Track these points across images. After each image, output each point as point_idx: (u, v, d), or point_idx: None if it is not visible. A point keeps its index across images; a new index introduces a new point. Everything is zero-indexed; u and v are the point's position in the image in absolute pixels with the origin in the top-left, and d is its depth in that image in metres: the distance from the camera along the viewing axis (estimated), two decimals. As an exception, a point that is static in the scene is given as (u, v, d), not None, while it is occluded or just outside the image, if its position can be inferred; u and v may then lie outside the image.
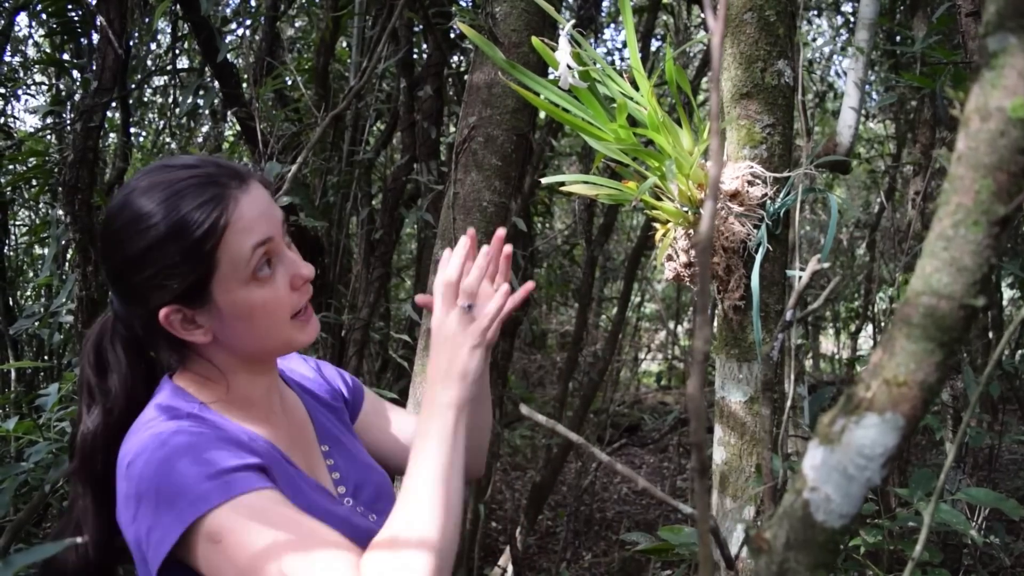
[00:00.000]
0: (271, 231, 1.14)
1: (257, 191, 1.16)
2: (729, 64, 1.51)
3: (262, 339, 1.17)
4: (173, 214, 1.09)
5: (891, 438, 0.69)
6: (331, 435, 1.36)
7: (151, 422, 1.10)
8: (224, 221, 1.10)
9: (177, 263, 1.09)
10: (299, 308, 1.19)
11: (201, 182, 1.11)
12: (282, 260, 1.16)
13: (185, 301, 1.12)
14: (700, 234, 0.58)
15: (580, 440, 0.87)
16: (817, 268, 0.98)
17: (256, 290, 1.13)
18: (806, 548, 0.73)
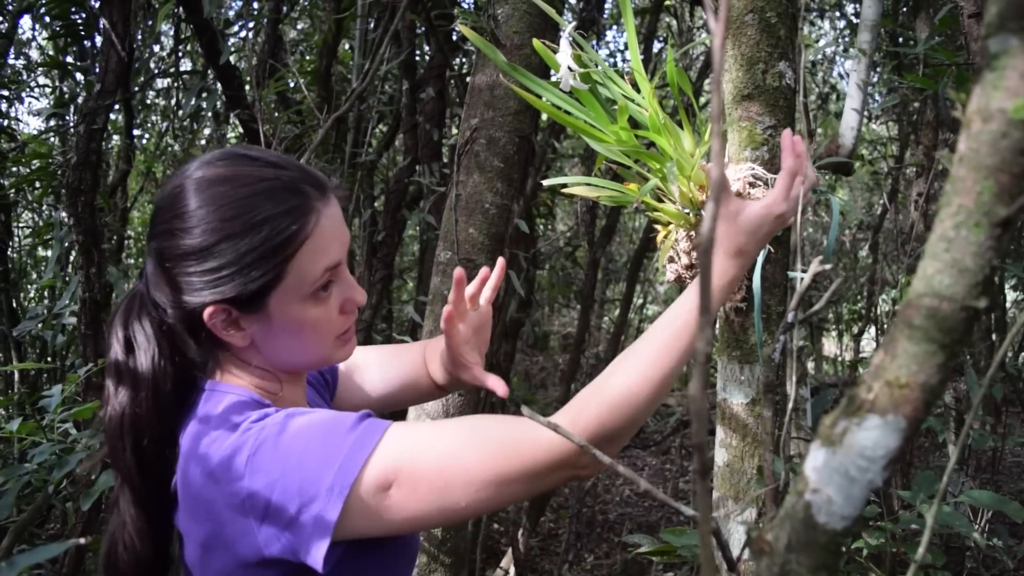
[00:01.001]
0: (341, 254, 1.12)
1: (335, 207, 1.12)
2: (730, 66, 1.51)
3: (301, 354, 1.14)
4: (255, 214, 1.04)
5: (893, 440, 0.69)
6: None
7: (239, 425, 1.04)
8: (304, 235, 1.06)
9: (247, 265, 1.04)
10: (342, 331, 1.17)
11: (286, 186, 1.07)
12: (340, 282, 1.14)
13: (238, 304, 1.07)
14: (702, 235, 0.58)
15: (581, 442, 0.87)
16: (819, 270, 0.98)
17: (311, 308, 1.09)
18: (808, 550, 0.73)
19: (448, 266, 2.39)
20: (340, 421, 1.02)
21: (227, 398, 1.10)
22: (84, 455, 1.93)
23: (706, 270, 0.63)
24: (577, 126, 1.36)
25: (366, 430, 1.01)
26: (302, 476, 0.97)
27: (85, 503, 1.88)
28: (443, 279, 2.40)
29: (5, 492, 1.89)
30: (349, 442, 0.99)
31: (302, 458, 0.98)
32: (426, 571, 2.34)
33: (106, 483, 1.88)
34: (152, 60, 5.51)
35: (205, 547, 1.04)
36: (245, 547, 1.00)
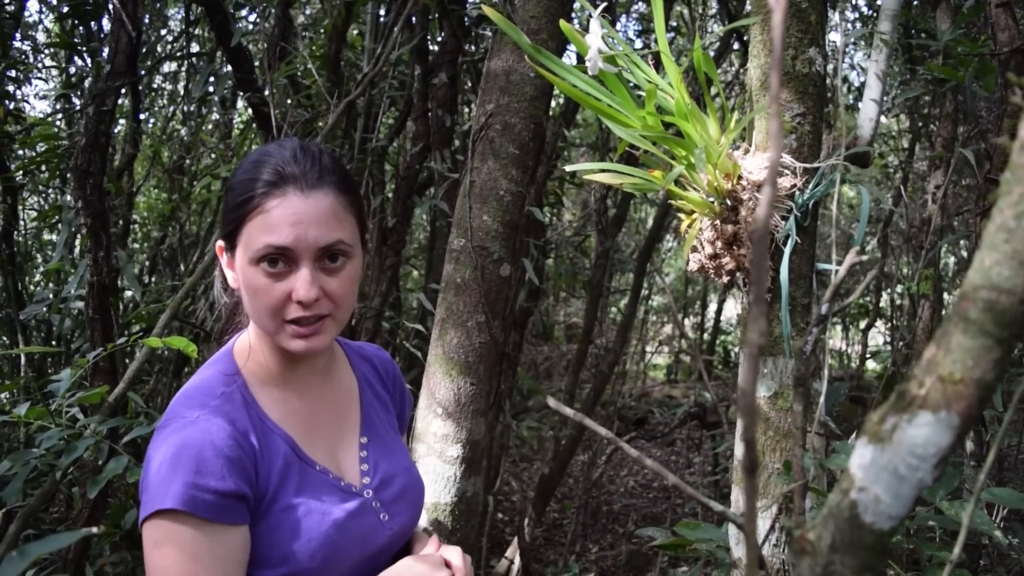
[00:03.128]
0: (293, 243, 1.20)
1: (315, 203, 1.22)
2: (759, 51, 1.47)
3: (255, 316, 1.26)
4: (240, 176, 1.24)
5: (945, 437, 0.66)
6: (375, 429, 1.40)
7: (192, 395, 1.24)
8: (258, 203, 1.19)
9: (226, 212, 1.26)
10: (290, 318, 1.22)
11: (271, 169, 1.21)
12: (297, 270, 1.21)
13: (225, 243, 1.27)
14: (757, 220, 0.55)
15: (611, 436, 0.85)
16: (856, 260, 0.95)
17: (256, 275, 1.21)
18: (853, 550, 0.70)
19: (461, 253, 2.36)
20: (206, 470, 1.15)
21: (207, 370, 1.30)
22: (92, 441, 1.91)
23: (760, 257, 0.60)
24: (602, 110, 1.33)
25: (193, 499, 1.12)
26: (144, 480, 1.17)
27: (92, 490, 1.86)
28: (456, 267, 2.37)
29: (13, 477, 1.87)
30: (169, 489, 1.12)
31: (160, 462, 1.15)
32: (435, 561, 2.31)
33: (113, 470, 1.86)
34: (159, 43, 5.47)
35: None
36: None
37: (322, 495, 1.24)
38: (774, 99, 0.59)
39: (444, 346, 2.36)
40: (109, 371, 2.82)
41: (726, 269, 1.45)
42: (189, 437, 1.15)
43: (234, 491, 1.14)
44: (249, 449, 1.19)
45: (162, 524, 1.11)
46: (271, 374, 1.30)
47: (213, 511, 1.12)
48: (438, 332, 2.38)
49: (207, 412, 1.19)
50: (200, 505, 1.11)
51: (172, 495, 1.11)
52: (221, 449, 1.15)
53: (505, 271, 2.37)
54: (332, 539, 1.22)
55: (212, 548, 1.12)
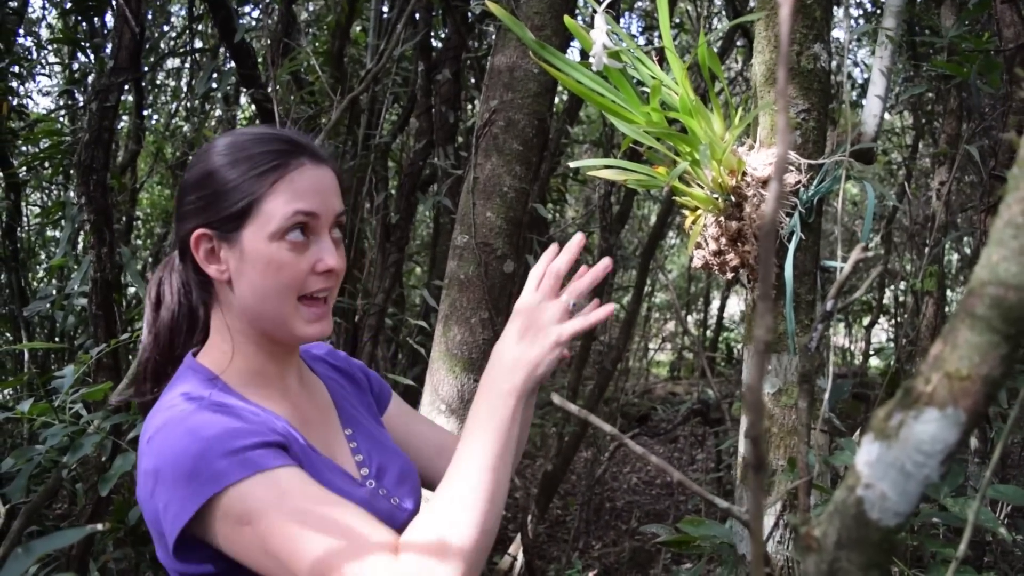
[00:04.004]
0: (320, 209, 1.17)
1: (327, 174, 1.20)
2: (763, 47, 1.47)
3: (267, 301, 1.17)
4: (243, 152, 1.16)
5: (952, 434, 0.66)
6: (354, 419, 1.35)
7: (173, 404, 1.10)
8: (282, 171, 1.15)
9: (229, 191, 1.15)
10: (311, 290, 1.18)
11: (278, 137, 1.18)
12: (318, 240, 1.18)
13: (218, 229, 1.16)
14: (765, 216, 0.55)
15: (615, 432, 0.84)
16: (861, 257, 0.94)
17: (280, 250, 1.14)
18: (859, 547, 0.70)
19: (465, 250, 2.36)
20: (232, 435, 1.04)
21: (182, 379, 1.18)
22: (98, 438, 1.91)
23: (766, 254, 0.60)
24: (606, 106, 1.33)
25: (247, 459, 1.03)
26: (174, 474, 1.02)
27: (104, 488, 1.86)
28: (459, 263, 2.37)
29: (17, 474, 1.87)
30: (224, 463, 1.02)
31: (181, 457, 1.02)
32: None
33: (122, 467, 1.86)
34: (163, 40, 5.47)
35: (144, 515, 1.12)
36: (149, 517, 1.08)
37: (336, 481, 1.19)
38: (781, 94, 0.59)
39: (448, 343, 2.36)
40: (112, 367, 2.82)
41: (730, 265, 1.45)
42: (201, 419, 1.06)
43: (276, 441, 1.07)
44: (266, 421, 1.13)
45: (233, 505, 1.01)
46: (254, 376, 1.22)
47: (273, 459, 1.04)
48: (442, 328, 2.38)
49: (206, 400, 1.12)
50: (258, 461, 1.02)
51: (224, 472, 1.01)
52: (242, 415, 1.10)
53: (509, 267, 2.37)
54: None
55: (293, 485, 1.04)
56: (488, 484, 1.06)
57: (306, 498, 1.03)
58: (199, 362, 1.20)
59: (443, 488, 1.07)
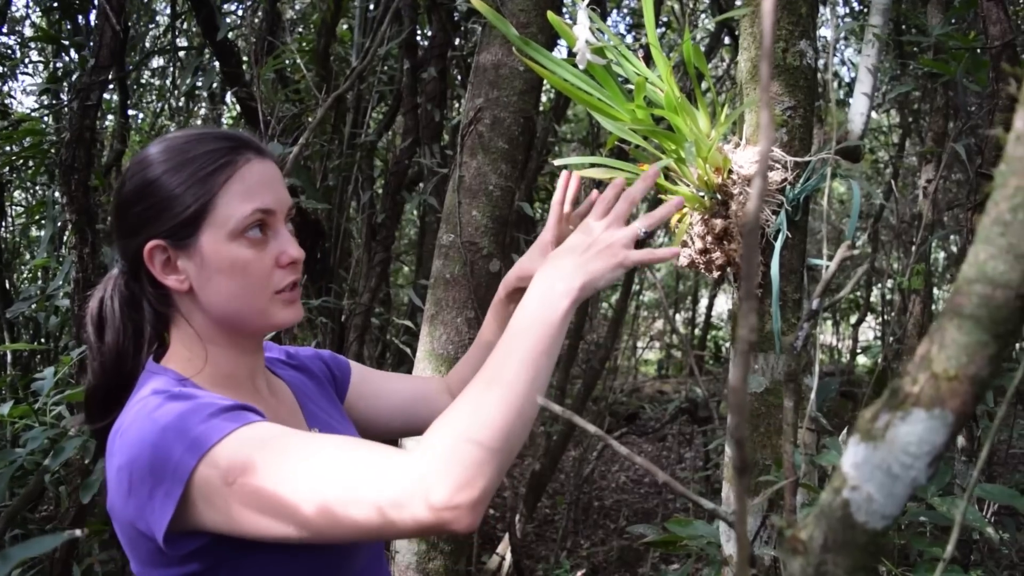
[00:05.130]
0: (274, 205, 1.15)
1: (272, 168, 1.18)
2: (749, 44, 1.46)
3: (237, 300, 1.15)
4: (185, 154, 1.12)
5: (939, 435, 0.65)
6: (321, 419, 1.33)
7: (142, 400, 1.08)
8: (232, 171, 1.12)
9: (176, 197, 1.11)
10: (281, 287, 1.17)
11: (219, 138, 1.15)
12: (276, 235, 1.17)
13: (172, 238, 1.12)
14: (747, 213, 0.54)
15: (599, 432, 0.83)
16: (848, 254, 0.94)
17: (243, 249, 1.13)
18: (846, 550, 0.69)
19: (450, 249, 2.35)
20: (206, 406, 1.01)
21: (149, 383, 1.12)
22: (80, 441, 1.89)
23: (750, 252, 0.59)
24: (591, 103, 1.32)
25: (225, 419, 0.99)
26: (154, 455, 0.98)
27: (85, 495, 1.84)
28: (445, 262, 2.36)
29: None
30: (202, 428, 0.98)
31: (159, 438, 0.99)
32: (425, 559, 2.30)
33: (104, 472, 1.84)
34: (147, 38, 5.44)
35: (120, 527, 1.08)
36: (128, 521, 1.03)
37: None
38: (764, 90, 0.57)
39: (433, 342, 2.34)
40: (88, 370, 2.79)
41: (716, 264, 1.44)
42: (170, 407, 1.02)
43: (242, 405, 1.04)
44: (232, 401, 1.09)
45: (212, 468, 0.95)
46: (223, 377, 1.18)
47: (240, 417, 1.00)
48: (427, 328, 2.37)
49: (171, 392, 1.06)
50: (223, 425, 0.98)
51: (195, 443, 0.96)
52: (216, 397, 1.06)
53: (495, 267, 2.36)
54: None
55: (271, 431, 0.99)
56: (526, 382, 1.01)
57: (289, 437, 0.99)
58: (164, 366, 1.17)
59: (478, 381, 1.02)
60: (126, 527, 1.05)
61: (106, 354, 1.17)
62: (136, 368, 1.18)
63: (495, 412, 0.97)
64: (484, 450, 0.94)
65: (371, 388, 1.49)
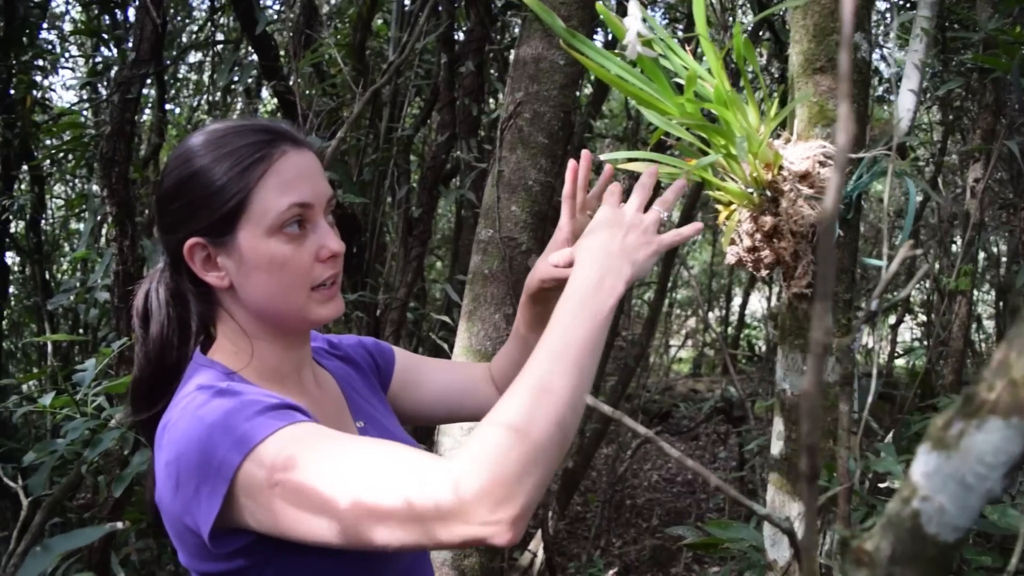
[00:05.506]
0: (312, 198, 1.13)
1: (310, 158, 1.16)
2: (800, 36, 1.42)
3: (278, 298, 1.14)
4: (222, 150, 1.11)
5: (1017, 445, 0.62)
6: (366, 412, 1.33)
7: (189, 395, 1.07)
8: (269, 165, 1.10)
9: (213, 194, 1.10)
10: (320, 281, 1.15)
11: (256, 130, 1.13)
12: (315, 228, 1.14)
13: (210, 235, 1.12)
14: (824, 210, 0.51)
15: (648, 432, 0.81)
16: (910, 254, 0.90)
17: (281, 244, 1.11)
18: (915, 563, 0.66)
19: (489, 244, 2.33)
20: (252, 404, 1.00)
21: (196, 375, 1.12)
22: (118, 433, 1.89)
23: (828, 252, 0.56)
24: (639, 96, 1.29)
25: (270, 418, 0.98)
26: (200, 452, 0.98)
27: (118, 488, 1.85)
28: (484, 257, 2.34)
29: (39, 467, 1.86)
30: (247, 426, 0.97)
31: (205, 435, 0.98)
32: (460, 556, 2.29)
33: (140, 463, 1.85)
34: (184, 33, 5.48)
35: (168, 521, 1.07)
36: (176, 516, 1.03)
37: None
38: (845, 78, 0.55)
39: (471, 337, 2.33)
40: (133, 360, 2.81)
41: (765, 262, 1.41)
42: (217, 402, 1.01)
43: (288, 404, 1.03)
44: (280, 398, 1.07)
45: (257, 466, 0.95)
46: (270, 371, 1.18)
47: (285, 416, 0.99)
48: (465, 323, 2.35)
49: (218, 388, 1.05)
50: (269, 424, 0.97)
51: (244, 438, 0.96)
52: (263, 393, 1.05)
53: (533, 262, 2.33)
54: None
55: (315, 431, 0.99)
56: (573, 388, 0.98)
57: (333, 439, 0.98)
58: (211, 359, 1.16)
59: (524, 387, 0.98)
60: (174, 522, 1.04)
61: (150, 345, 1.17)
62: (182, 360, 1.17)
63: (541, 425, 0.94)
64: (527, 465, 0.91)
65: (415, 378, 1.47)
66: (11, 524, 2.19)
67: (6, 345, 4.88)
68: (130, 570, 2.81)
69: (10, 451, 2.91)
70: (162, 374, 1.17)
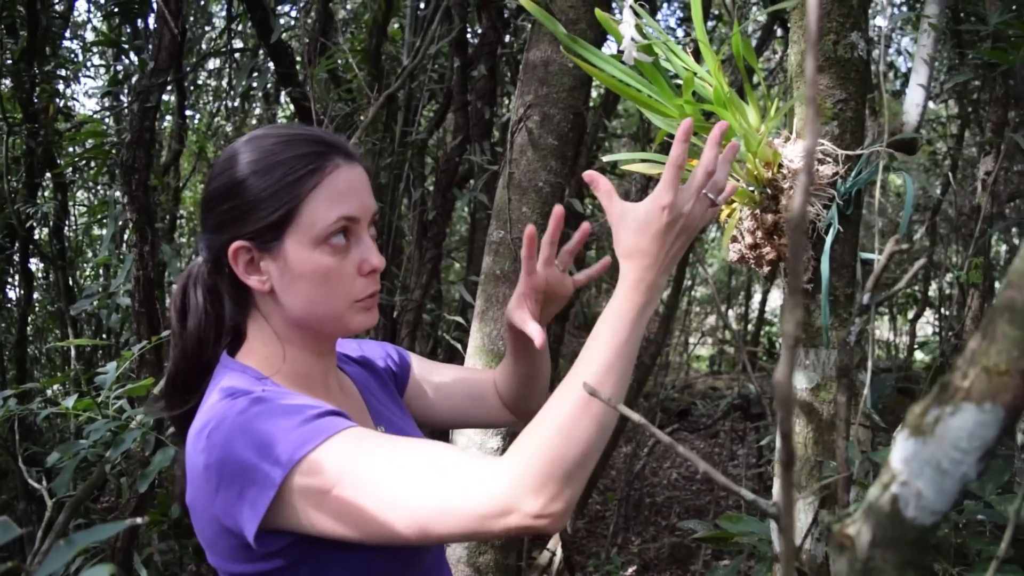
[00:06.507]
0: (360, 212, 1.16)
1: (359, 171, 1.19)
2: (799, 37, 1.45)
3: (317, 306, 1.16)
4: (274, 157, 1.13)
5: (990, 430, 0.64)
6: (385, 416, 1.35)
7: (224, 399, 1.09)
8: (320, 177, 1.13)
9: (263, 200, 1.12)
10: (362, 296, 1.18)
11: (307, 138, 1.16)
12: (359, 242, 1.17)
13: (257, 240, 1.14)
14: (792, 211, 0.54)
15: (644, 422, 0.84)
16: (896, 249, 0.93)
17: (326, 256, 1.13)
18: (894, 546, 0.69)
19: (500, 245, 2.36)
20: (297, 410, 1.03)
21: (227, 377, 1.15)
22: (139, 433, 1.94)
23: (796, 247, 0.59)
24: (639, 99, 1.32)
25: (319, 426, 1.01)
26: (245, 458, 1.00)
27: (142, 484, 1.89)
28: (495, 258, 2.37)
29: (62, 469, 1.91)
30: (296, 434, 1.00)
31: (250, 440, 1.00)
32: (476, 553, 2.32)
33: (161, 463, 1.89)
34: (204, 40, 5.55)
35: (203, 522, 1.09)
36: (213, 517, 1.05)
37: None
38: (811, 84, 0.57)
39: (484, 337, 2.36)
40: (156, 363, 2.87)
41: (767, 259, 1.43)
42: (261, 407, 1.04)
43: (333, 409, 1.05)
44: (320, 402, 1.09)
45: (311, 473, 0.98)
46: (300, 377, 1.20)
47: (336, 423, 1.02)
48: (478, 323, 2.39)
49: (258, 393, 1.07)
50: (322, 428, 1.00)
51: (294, 446, 0.98)
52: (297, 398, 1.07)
53: (544, 263, 2.36)
54: None
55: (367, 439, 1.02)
56: (617, 396, 1.04)
57: (382, 446, 1.02)
58: (242, 362, 1.19)
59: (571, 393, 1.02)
60: (210, 522, 1.06)
61: (187, 340, 1.20)
62: (214, 358, 1.20)
63: (588, 431, 0.99)
64: (574, 465, 0.97)
65: (428, 386, 1.50)
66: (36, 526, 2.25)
67: (31, 350, 4.96)
68: (152, 571, 2.86)
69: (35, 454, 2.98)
70: (198, 370, 1.20)
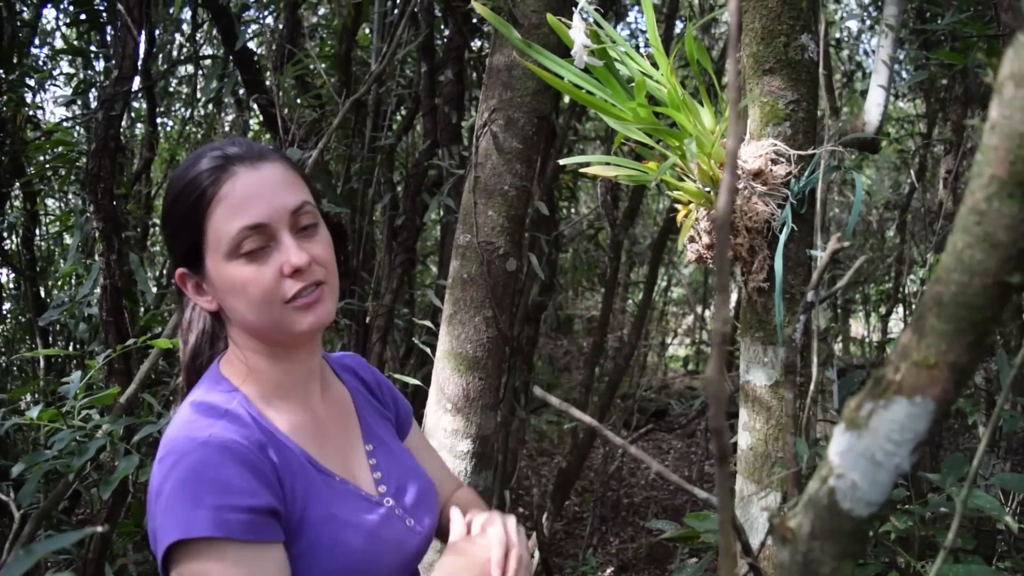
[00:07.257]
0: (266, 217, 1.13)
1: (267, 173, 1.16)
2: (751, 39, 1.46)
3: (253, 316, 1.16)
4: (181, 182, 1.16)
5: (921, 423, 0.66)
6: (376, 435, 1.34)
7: (192, 420, 1.12)
8: (212, 193, 1.13)
9: (177, 227, 1.17)
10: (292, 294, 1.15)
11: (210, 157, 1.16)
12: (278, 244, 1.15)
13: (187, 266, 1.18)
14: (719, 211, 0.55)
15: (594, 423, 0.85)
16: (838, 247, 0.95)
17: (240, 268, 1.13)
18: (832, 537, 0.70)
19: (467, 249, 2.37)
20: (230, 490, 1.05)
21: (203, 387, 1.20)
22: (103, 442, 1.93)
23: (723, 246, 0.60)
24: (594, 103, 1.33)
25: (230, 520, 1.03)
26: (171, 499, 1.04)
27: (105, 491, 1.88)
28: (462, 262, 2.38)
29: (26, 481, 1.90)
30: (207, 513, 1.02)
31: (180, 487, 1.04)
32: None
33: (124, 469, 1.88)
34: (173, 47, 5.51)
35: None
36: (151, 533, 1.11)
37: (350, 507, 1.18)
38: (732, 88, 0.59)
39: (452, 341, 2.37)
40: (125, 372, 2.85)
41: (724, 259, 1.45)
42: (206, 457, 1.05)
43: (267, 506, 1.06)
44: (270, 463, 1.10)
45: (194, 556, 1.01)
46: (272, 386, 1.21)
47: (251, 531, 1.03)
48: (446, 328, 2.40)
49: (217, 430, 1.09)
50: (235, 527, 1.02)
51: (200, 521, 1.01)
52: (245, 463, 1.07)
53: (511, 266, 2.38)
54: (371, 551, 1.16)
55: (254, 573, 1.03)
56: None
57: None
58: (222, 372, 1.22)
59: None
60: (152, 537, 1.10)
61: (187, 353, 1.29)
62: (209, 362, 1.27)
63: None
64: None
65: (418, 455, 1.48)
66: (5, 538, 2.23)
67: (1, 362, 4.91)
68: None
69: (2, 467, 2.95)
70: (196, 377, 1.27)
